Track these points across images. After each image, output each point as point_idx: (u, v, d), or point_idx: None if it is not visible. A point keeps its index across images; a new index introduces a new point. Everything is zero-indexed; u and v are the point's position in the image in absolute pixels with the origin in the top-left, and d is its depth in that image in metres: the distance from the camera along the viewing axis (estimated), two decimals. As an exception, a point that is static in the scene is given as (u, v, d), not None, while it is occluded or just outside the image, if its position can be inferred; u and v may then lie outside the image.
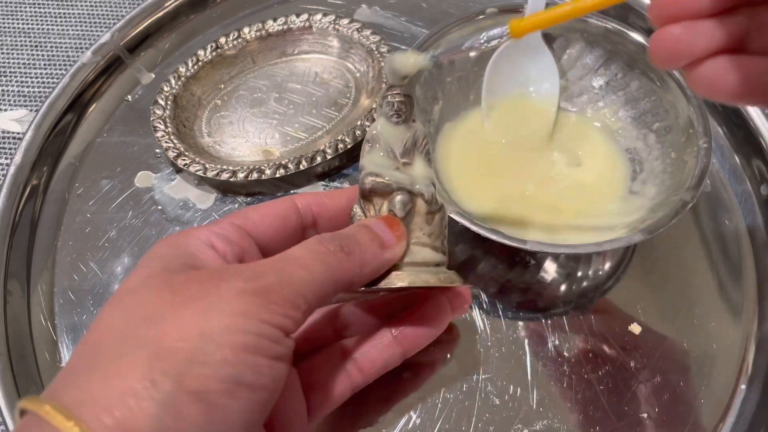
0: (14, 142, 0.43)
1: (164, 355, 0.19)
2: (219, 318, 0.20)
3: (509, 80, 0.40)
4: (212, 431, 0.19)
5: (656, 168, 0.37)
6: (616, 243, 0.32)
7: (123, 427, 0.18)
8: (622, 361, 0.35)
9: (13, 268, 0.37)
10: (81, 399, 0.19)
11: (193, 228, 0.26)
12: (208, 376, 0.19)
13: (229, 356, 0.20)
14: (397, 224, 0.26)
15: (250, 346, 0.20)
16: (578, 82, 0.41)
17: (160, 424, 0.18)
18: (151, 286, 0.22)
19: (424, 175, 0.28)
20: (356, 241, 0.25)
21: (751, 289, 0.38)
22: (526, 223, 0.36)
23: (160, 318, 0.20)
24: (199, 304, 0.21)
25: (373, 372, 0.28)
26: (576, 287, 0.37)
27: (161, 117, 0.41)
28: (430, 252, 0.28)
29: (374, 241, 0.25)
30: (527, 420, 0.33)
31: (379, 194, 0.27)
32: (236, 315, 0.20)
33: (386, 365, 0.29)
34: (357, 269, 0.24)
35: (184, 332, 0.20)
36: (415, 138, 0.28)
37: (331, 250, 0.24)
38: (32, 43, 0.48)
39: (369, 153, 0.27)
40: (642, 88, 0.39)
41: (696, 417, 0.34)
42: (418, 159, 0.28)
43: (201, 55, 0.43)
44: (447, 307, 0.30)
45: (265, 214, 0.26)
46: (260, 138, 0.42)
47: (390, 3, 0.49)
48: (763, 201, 0.40)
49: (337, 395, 0.28)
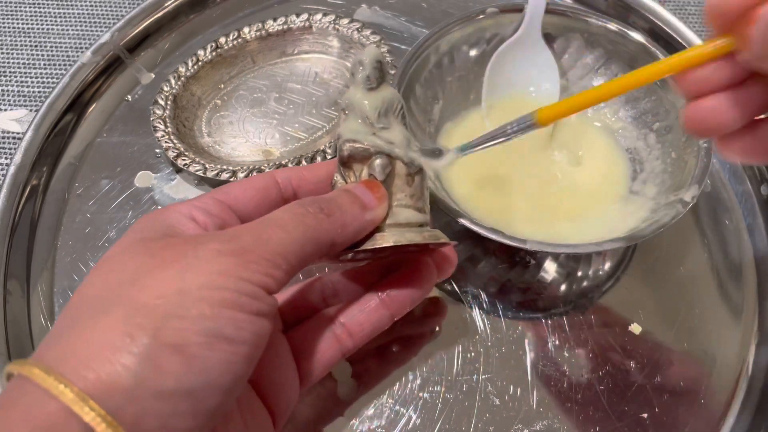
0: (14, 142, 0.43)
1: (141, 311, 0.20)
2: (196, 276, 0.21)
3: (510, 80, 0.40)
4: (192, 382, 0.19)
5: (657, 168, 0.37)
6: (616, 243, 0.32)
7: (103, 380, 0.18)
8: (622, 361, 0.35)
9: (13, 268, 0.37)
10: (61, 356, 0.19)
11: (174, 203, 0.26)
12: (185, 329, 0.20)
13: (207, 311, 0.20)
14: (377, 186, 0.27)
15: (228, 301, 0.21)
16: (579, 82, 0.41)
17: (140, 376, 0.19)
18: (129, 252, 0.22)
19: (401, 138, 0.28)
20: (336, 203, 0.25)
21: (751, 289, 0.38)
22: (527, 222, 0.36)
23: (138, 279, 0.21)
24: (177, 265, 0.21)
25: (363, 335, 0.29)
26: (576, 287, 0.37)
27: (161, 117, 0.41)
28: (413, 213, 0.28)
29: (354, 203, 0.26)
30: (527, 420, 0.33)
31: (358, 160, 0.28)
32: (213, 273, 0.21)
33: (375, 328, 0.29)
34: (338, 229, 0.25)
35: (161, 290, 0.20)
36: (390, 103, 0.28)
37: (310, 212, 0.24)
38: (32, 43, 0.48)
39: (345, 121, 0.28)
40: (642, 88, 0.39)
41: (696, 417, 0.34)
42: (394, 123, 0.28)
43: (201, 55, 0.43)
44: (431, 266, 0.30)
45: (246, 188, 0.27)
46: (260, 138, 0.42)
47: (390, 3, 0.49)
48: (763, 201, 0.40)
49: (328, 360, 0.28)
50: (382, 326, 0.29)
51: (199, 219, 0.25)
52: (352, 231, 0.25)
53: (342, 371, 0.34)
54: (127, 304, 0.20)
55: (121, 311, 0.20)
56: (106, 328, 0.19)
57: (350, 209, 0.25)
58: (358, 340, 0.29)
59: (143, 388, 0.19)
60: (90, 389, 0.18)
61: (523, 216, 0.37)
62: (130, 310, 0.20)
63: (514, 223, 0.36)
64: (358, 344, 0.29)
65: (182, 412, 0.19)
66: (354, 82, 0.28)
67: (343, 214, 0.25)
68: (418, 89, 0.38)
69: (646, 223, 0.33)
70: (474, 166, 0.38)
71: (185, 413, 0.19)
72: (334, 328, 0.28)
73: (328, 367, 0.28)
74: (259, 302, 0.22)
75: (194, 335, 0.20)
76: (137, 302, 0.20)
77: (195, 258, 0.21)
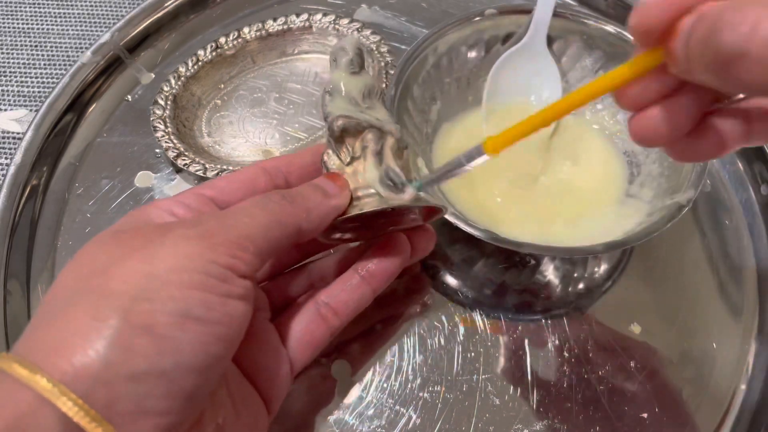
0: (14, 142, 0.43)
1: (109, 297, 0.20)
2: (163, 261, 0.21)
3: (512, 87, 0.40)
4: (163, 362, 0.20)
5: (654, 171, 0.37)
6: (611, 246, 0.32)
7: (75, 366, 0.19)
8: (622, 361, 0.35)
9: (13, 268, 0.37)
10: (34, 347, 0.19)
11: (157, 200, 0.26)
12: (153, 310, 0.20)
13: (176, 292, 0.20)
14: (337, 176, 0.28)
15: (197, 283, 0.21)
16: (577, 85, 0.41)
17: (110, 359, 0.19)
18: (100, 244, 0.23)
19: (387, 117, 0.29)
20: (299, 192, 0.26)
21: (751, 289, 0.38)
22: (523, 224, 0.36)
23: (107, 269, 0.21)
24: (144, 252, 0.21)
25: (348, 312, 0.29)
26: (576, 287, 0.37)
27: (161, 117, 0.41)
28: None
29: (316, 191, 0.27)
30: (527, 420, 0.33)
31: (351, 134, 0.28)
32: (180, 256, 0.21)
33: (358, 305, 0.30)
34: (302, 214, 0.25)
35: (129, 276, 0.21)
36: (371, 86, 0.29)
37: (274, 199, 0.25)
38: (32, 43, 0.48)
39: (332, 102, 0.29)
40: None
41: (696, 417, 0.34)
42: (377, 104, 0.29)
43: (201, 55, 0.43)
44: (402, 237, 0.31)
45: (231, 180, 0.28)
46: (260, 138, 0.42)
47: (390, 3, 0.49)
48: (763, 201, 0.40)
49: (317, 341, 0.29)
50: (365, 302, 0.30)
51: (179, 213, 0.25)
52: (317, 216, 0.26)
53: (341, 370, 0.34)
54: (96, 291, 0.20)
55: (90, 299, 0.20)
56: (76, 316, 0.20)
57: (313, 196, 0.26)
58: (344, 318, 0.29)
59: (114, 371, 0.19)
60: (62, 376, 0.18)
61: (520, 218, 0.37)
62: (98, 298, 0.20)
63: (511, 224, 0.36)
64: (344, 322, 0.29)
65: (157, 394, 0.19)
66: (337, 67, 0.29)
67: (306, 200, 0.26)
68: (415, 90, 0.38)
69: (642, 227, 0.33)
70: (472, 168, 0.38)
71: (160, 395, 0.20)
72: (319, 309, 0.29)
73: (318, 347, 0.29)
74: (229, 284, 0.22)
75: (163, 316, 0.20)
76: (106, 289, 0.20)
77: (161, 244, 0.21)
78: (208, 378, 0.21)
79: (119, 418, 0.19)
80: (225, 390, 0.24)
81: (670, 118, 0.21)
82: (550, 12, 0.38)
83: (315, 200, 0.26)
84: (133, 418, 0.19)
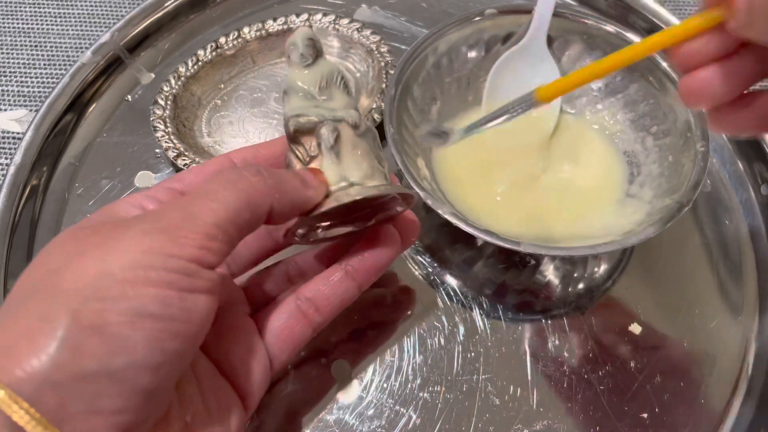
0: (14, 142, 0.43)
1: (59, 297, 0.19)
2: (119, 258, 0.20)
3: (512, 86, 0.40)
4: (114, 362, 0.19)
5: (654, 171, 0.37)
6: (610, 246, 0.32)
7: (22, 366, 0.18)
8: (622, 361, 0.35)
9: (13, 268, 0.37)
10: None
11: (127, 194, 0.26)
12: (104, 309, 0.19)
13: (129, 290, 0.20)
14: (318, 173, 0.27)
15: (153, 279, 0.20)
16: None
17: (58, 360, 0.18)
18: (58, 242, 0.22)
19: (344, 105, 0.28)
20: (276, 172, 0.25)
21: (751, 289, 0.38)
22: (523, 224, 0.36)
23: (61, 267, 0.20)
24: (101, 249, 0.21)
25: (330, 309, 0.28)
26: (576, 287, 0.37)
27: (161, 117, 0.41)
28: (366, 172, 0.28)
29: (296, 177, 0.26)
30: (527, 420, 0.33)
31: (305, 132, 0.28)
32: (138, 253, 0.20)
33: (342, 300, 0.28)
34: (275, 194, 0.24)
35: (81, 275, 0.20)
36: (329, 75, 0.29)
37: (244, 175, 0.24)
38: (32, 43, 0.48)
39: (287, 102, 0.28)
40: (641, 91, 0.39)
41: (696, 417, 0.34)
42: (336, 92, 0.29)
43: (201, 55, 0.43)
44: (391, 229, 0.29)
45: (199, 173, 0.27)
46: (260, 138, 0.42)
47: (390, 3, 0.49)
48: (763, 201, 0.40)
49: (297, 337, 0.28)
50: (350, 298, 0.29)
51: (148, 207, 0.24)
52: (290, 199, 0.25)
53: (341, 370, 0.34)
54: (47, 291, 0.20)
55: (40, 299, 0.20)
56: (25, 317, 0.19)
57: (291, 180, 0.25)
58: (326, 314, 0.28)
59: (63, 372, 0.18)
60: (9, 379, 0.18)
61: (519, 217, 0.37)
62: (49, 298, 0.20)
63: (510, 224, 0.36)
64: (327, 319, 0.28)
65: (110, 393, 0.19)
66: (291, 64, 0.29)
67: (283, 182, 0.25)
68: (416, 90, 0.38)
69: (641, 226, 0.33)
70: (470, 167, 0.38)
71: (113, 393, 0.19)
72: (300, 305, 0.28)
73: (299, 344, 0.28)
74: (192, 278, 0.21)
75: (114, 315, 0.19)
76: (56, 289, 0.20)
77: (120, 240, 0.21)
78: (166, 374, 0.21)
79: (71, 419, 0.19)
80: (194, 386, 0.24)
81: (722, 79, 0.22)
82: (550, 12, 0.38)
83: (292, 184, 0.25)
84: (85, 417, 0.19)
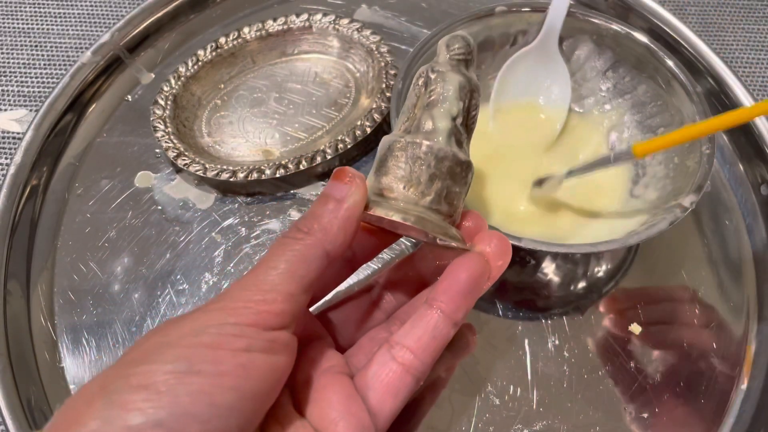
0: (14, 142, 0.43)
1: (116, 367, 0.21)
2: (178, 331, 0.22)
3: (521, 87, 0.40)
4: (159, 413, 0.20)
5: (659, 173, 0.37)
6: (612, 245, 0.32)
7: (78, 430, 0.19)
8: (622, 361, 0.35)
9: (13, 268, 0.37)
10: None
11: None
12: (154, 370, 0.20)
13: (180, 352, 0.21)
14: (343, 172, 0.25)
15: (205, 341, 0.21)
16: (586, 84, 0.41)
17: (108, 416, 0.19)
18: (155, 330, 0.23)
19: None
20: (311, 214, 0.25)
21: (751, 289, 0.38)
22: (525, 222, 0.36)
23: (129, 361, 0.22)
24: (168, 328, 0.22)
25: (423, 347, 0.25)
26: (576, 287, 0.37)
27: (161, 117, 0.41)
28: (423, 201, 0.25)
29: (327, 203, 0.25)
30: (527, 420, 0.33)
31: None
32: (195, 324, 0.22)
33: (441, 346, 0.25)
34: (322, 237, 0.24)
35: (142, 347, 0.21)
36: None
37: (290, 237, 0.24)
38: (32, 43, 0.48)
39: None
40: (649, 92, 0.39)
41: (696, 417, 0.34)
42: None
43: (201, 55, 0.43)
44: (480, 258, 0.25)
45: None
46: (260, 138, 0.42)
47: (390, 3, 0.49)
48: (763, 201, 0.40)
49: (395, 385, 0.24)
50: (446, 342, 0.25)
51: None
52: (335, 231, 0.24)
53: (342, 371, 0.34)
54: (110, 375, 0.21)
55: (103, 375, 0.21)
56: (87, 390, 0.21)
57: (324, 212, 0.24)
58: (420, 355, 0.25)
59: (112, 426, 0.19)
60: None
61: (524, 216, 0.37)
62: (110, 370, 0.21)
63: (514, 222, 0.36)
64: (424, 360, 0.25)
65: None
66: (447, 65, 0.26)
67: (319, 220, 0.24)
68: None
69: (644, 227, 0.33)
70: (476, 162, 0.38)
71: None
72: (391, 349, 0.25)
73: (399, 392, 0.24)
74: (247, 338, 0.22)
75: (162, 374, 0.20)
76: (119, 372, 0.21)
77: (184, 320, 0.22)
78: (221, 428, 0.21)
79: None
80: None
81: None
82: (563, 15, 0.38)
83: (327, 217, 0.24)
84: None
